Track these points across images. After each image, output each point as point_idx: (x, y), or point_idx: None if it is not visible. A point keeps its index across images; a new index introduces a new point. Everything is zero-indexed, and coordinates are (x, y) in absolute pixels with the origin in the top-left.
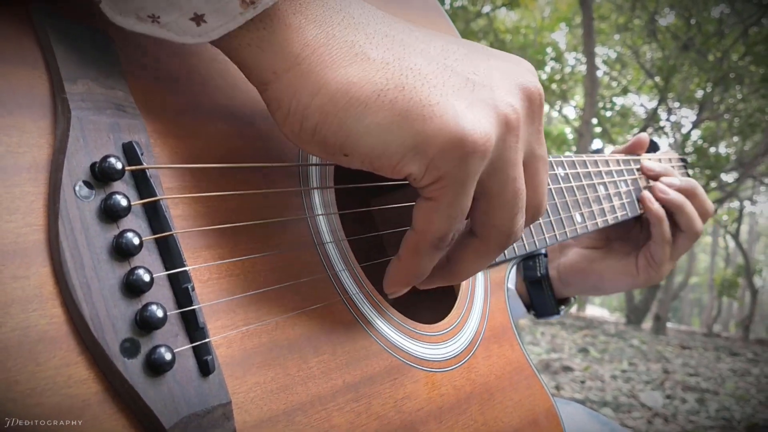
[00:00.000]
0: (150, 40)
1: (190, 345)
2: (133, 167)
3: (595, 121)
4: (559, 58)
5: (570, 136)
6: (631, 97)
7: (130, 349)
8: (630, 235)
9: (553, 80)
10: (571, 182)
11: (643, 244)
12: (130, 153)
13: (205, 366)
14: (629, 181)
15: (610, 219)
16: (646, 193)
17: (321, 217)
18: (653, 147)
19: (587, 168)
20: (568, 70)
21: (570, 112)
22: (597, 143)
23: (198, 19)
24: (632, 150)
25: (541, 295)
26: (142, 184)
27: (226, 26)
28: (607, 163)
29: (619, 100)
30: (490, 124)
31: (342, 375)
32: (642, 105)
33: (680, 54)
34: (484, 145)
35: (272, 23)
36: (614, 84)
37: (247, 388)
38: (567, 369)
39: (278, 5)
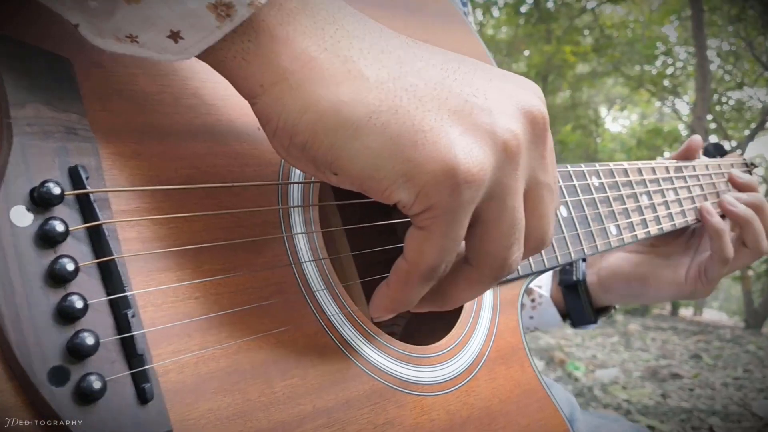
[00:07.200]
0: (115, 60)
1: (129, 372)
2: (74, 192)
3: (709, 116)
4: (669, 52)
5: (683, 133)
6: (747, 91)
7: (58, 377)
8: (678, 240)
9: (664, 75)
10: (606, 192)
11: (695, 254)
12: (75, 177)
13: (143, 394)
14: (678, 190)
15: (653, 230)
16: (707, 205)
17: (300, 236)
18: (719, 151)
19: (627, 177)
20: (679, 64)
21: (683, 107)
22: (713, 140)
23: (175, 36)
24: (686, 154)
25: (578, 302)
26: (87, 208)
27: (205, 41)
28: (653, 170)
29: (733, 95)
30: (484, 153)
31: (312, 400)
32: (758, 99)
33: None
34: (477, 175)
35: (257, 36)
36: (728, 78)
37: (199, 415)
38: (675, 376)
39: (261, 17)
